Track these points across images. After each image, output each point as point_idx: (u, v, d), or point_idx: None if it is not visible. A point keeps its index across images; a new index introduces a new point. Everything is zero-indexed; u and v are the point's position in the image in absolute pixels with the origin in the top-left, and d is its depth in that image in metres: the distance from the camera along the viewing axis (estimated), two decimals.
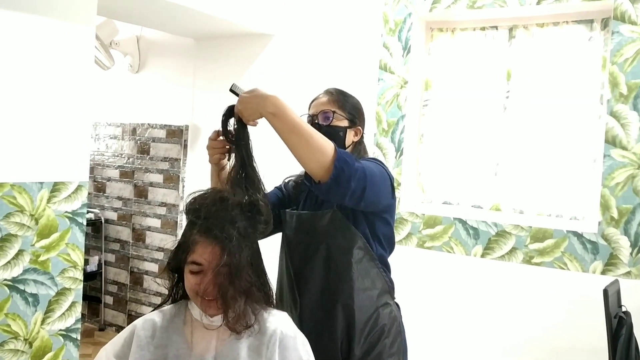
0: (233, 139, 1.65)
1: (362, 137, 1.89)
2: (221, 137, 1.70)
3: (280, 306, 1.58)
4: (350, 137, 1.83)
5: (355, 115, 1.86)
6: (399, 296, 1.89)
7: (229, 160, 1.72)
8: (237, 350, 1.39)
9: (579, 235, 2.92)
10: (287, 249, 1.82)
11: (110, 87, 4.61)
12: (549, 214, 3.12)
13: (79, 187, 2.94)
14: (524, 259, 3.06)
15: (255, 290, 1.41)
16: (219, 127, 1.74)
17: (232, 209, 1.39)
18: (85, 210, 3.00)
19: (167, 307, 1.51)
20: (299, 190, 1.90)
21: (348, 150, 1.81)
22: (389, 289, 1.82)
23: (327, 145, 1.54)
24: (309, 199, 1.88)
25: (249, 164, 1.60)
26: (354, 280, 1.72)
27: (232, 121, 1.69)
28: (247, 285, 1.37)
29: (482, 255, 3.17)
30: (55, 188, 2.84)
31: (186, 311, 1.48)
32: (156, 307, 1.52)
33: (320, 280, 1.74)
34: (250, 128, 1.65)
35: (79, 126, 2.94)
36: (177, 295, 1.51)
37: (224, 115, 1.66)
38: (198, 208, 1.41)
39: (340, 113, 1.81)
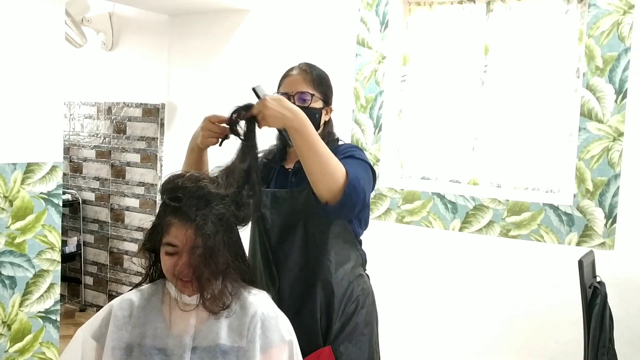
0: (241, 134, 1.62)
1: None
2: (224, 125, 1.65)
3: (262, 287, 1.58)
4: (323, 118, 1.82)
5: (328, 94, 1.85)
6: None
7: (220, 146, 1.69)
8: (217, 329, 1.39)
9: (554, 208, 2.96)
10: (262, 227, 1.80)
11: (83, 65, 4.51)
12: (525, 188, 3.15)
13: (53, 168, 2.90)
14: (501, 232, 3.10)
15: (232, 270, 1.40)
16: (216, 112, 1.71)
17: (209, 192, 1.37)
18: (60, 191, 2.97)
19: (144, 287, 1.50)
20: (269, 168, 1.89)
21: (319, 131, 1.79)
22: (363, 261, 1.85)
23: (340, 172, 1.57)
24: (279, 176, 1.86)
25: (254, 169, 1.57)
26: (332, 255, 1.73)
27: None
28: (223, 267, 1.36)
29: (460, 229, 3.20)
30: (29, 169, 2.80)
31: (164, 290, 1.47)
32: (134, 286, 1.51)
33: (299, 257, 1.74)
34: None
35: (51, 106, 2.88)
36: (154, 274, 1.50)
37: (240, 109, 1.61)
38: (173, 188, 1.39)
39: (317, 95, 1.79)
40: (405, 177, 3.49)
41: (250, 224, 1.59)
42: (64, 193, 4.49)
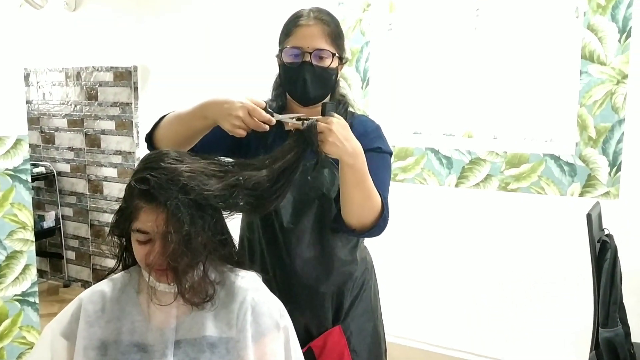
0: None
1: None
2: (273, 121, 1.38)
3: (251, 267, 1.40)
4: (339, 74, 1.61)
5: (344, 48, 1.61)
6: None
7: (246, 139, 1.42)
8: (202, 320, 1.23)
9: (555, 158, 2.81)
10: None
11: (46, 28, 4.21)
12: (524, 138, 2.99)
13: (17, 142, 2.68)
14: (500, 185, 2.95)
15: (214, 255, 1.23)
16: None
17: (180, 171, 1.18)
18: (28, 166, 2.75)
19: (117, 275, 1.32)
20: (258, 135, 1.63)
21: (334, 96, 1.61)
22: None
23: (377, 206, 1.44)
24: (278, 142, 1.56)
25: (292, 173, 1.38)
26: (346, 236, 1.59)
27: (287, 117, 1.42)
28: (202, 253, 1.19)
29: (457, 185, 3.05)
30: None
31: (140, 278, 1.30)
32: (105, 275, 1.33)
33: (313, 238, 1.57)
34: None
35: (10, 74, 2.64)
36: (127, 261, 1.32)
37: (304, 119, 1.38)
38: (143, 168, 1.20)
39: (337, 53, 1.54)
40: (396, 132, 3.30)
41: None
42: (37, 166, 4.27)
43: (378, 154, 1.56)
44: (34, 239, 2.81)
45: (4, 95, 2.62)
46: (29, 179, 2.76)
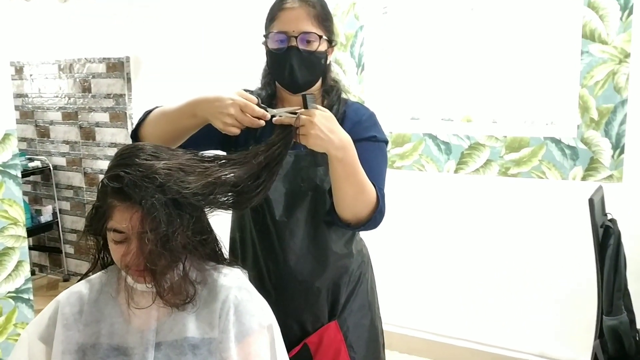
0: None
1: None
2: (267, 115, 1.32)
3: (244, 266, 1.34)
4: (328, 59, 1.54)
5: (333, 30, 1.53)
6: None
7: (235, 138, 1.40)
8: (183, 321, 1.18)
9: (557, 141, 2.74)
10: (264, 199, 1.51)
11: (37, 20, 4.15)
12: (524, 121, 2.91)
13: (6, 136, 2.63)
14: (500, 171, 2.88)
15: (195, 254, 1.17)
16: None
17: (155, 168, 1.11)
18: (17, 162, 2.70)
19: (95, 276, 1.27)
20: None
21: (323, 83, 1.55)
22: None
23: (371, 199, 1.39)
24: (267, 134, 1.48)
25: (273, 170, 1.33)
26: (341, 229, 1.54)
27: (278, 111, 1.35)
28: (181, 252, 1.13)
29: (456, 171, 2.99)
30: None
31: (119, 278, 1.25)
32: (82, 276, 1.28)
33: (307, 231, 1.51)
34: None
35: None
36: (105, 260, 1.27)
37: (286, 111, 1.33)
38: (116, 165, 1.14)
39: (324, 36, 1.47)
40: (393, 118, 3.23)
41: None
42: (32, 160, 4.22)
43: (373, 143, 1.51)
44: (26, 235, 2.76)
45: None
46: (19, 174, 2.71)
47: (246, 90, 1.44)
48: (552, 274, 2.81)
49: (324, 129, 1.27)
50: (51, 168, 4.28)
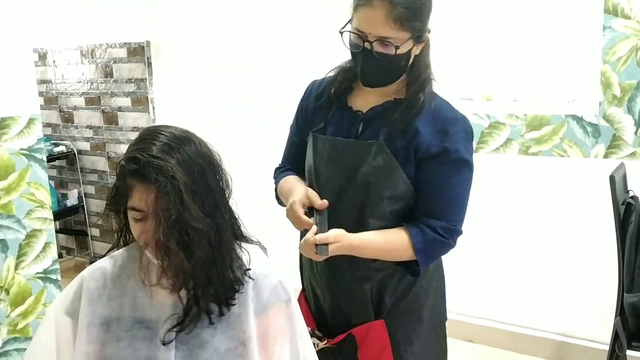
0: None
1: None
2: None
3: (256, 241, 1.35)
4: (414, 53, 1.39)
5: (423, 25, 1.35)
6: None
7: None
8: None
9: (578, 119, 2.71)
10: (315, 181, 1.48)
11: (58, 6, 4.19)
12: (544, 99, 2.88)
13: (30, 121, 2.68)
14: (520, 149, 2.86)
15: (212, 233, 1.17)
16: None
17: (170, 150, 1.13)
18: (42, 145, 2.76)
19: (117, 252, 1.31)
20: (329, 100, 1.50)
21: (403, 78, 1.43)
22: None
23: (404, 255, 1.41)
24: (343, 119, 1.46)
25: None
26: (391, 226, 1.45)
27: None
28: (194, 231, 1.12)
29: (476, 150, 2.97)
30: (4, 125, 2.58)
31: (141, 253, 1.28)
32: (105, 253, 1.32)
33: (353, 222, 1.43)
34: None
35: (19, 54, 2.63)
36: (127, 237, 1.30)
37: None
38: (135, 148, 1.15)
39: (404, 37, 1.31)
40: None
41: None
42: (57, 145, 4.30)
43: (459, 165, 1.39)
44: (52, 218, 2.83)
45: (14, 75, 2.61)
46: (44, 158, 2.77)
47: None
48: (573, 252, 2.80)
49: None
50: (76, 153, 4.36)
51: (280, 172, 1.65)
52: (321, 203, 1.42)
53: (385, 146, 1.37)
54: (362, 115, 1.45)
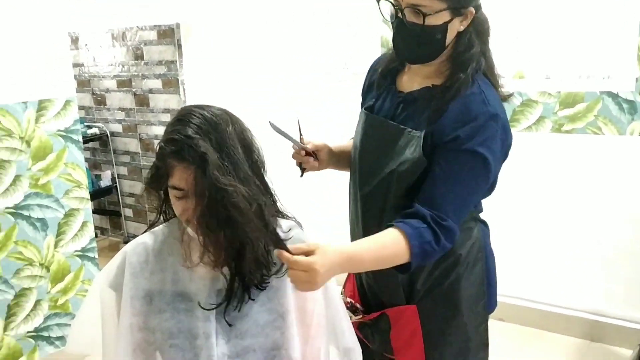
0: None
1: (473, 19, 1.33)
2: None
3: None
4: (455, 29, 1.31)
5: None
6: None
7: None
8: None
9: (613, 96, 2.66)
10: (355, 154, 1.48)
11: None
12: (579, 76, 2.82)
13: (67, 103, 2.75)
14: (553, 127, 2.83)
15: (251, 210, 1.19)
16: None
17: (208, 130, 1.15)
18: (78, 127, 2.83)
19: (158, 228, 1.34)
20: (385, 80, 1.47)
21: (444, 57, 1.34)
22: (472, 212, 1.50)
23: (400, 259, 1.24)
24: (387, 100, 1.43)
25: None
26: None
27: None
28: (232, 209, 1.14)
29: None
30: (42, 107, 2.65)
31: (183, 230, 1.31)
32: (147, 228, 1.36)
33: (382, 203, 1.40)
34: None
35: (55, 37, 2.69)
36: (167, 213, 1.33)
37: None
38: (172, 129, 1.17)
39: (438, 7, 1.25)
40: None
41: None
42: (90, 127, 4.38)
43: (460, 151, 1.26)
44: (89, 197, 2.91)
45: (51, 58, 2.67)
46: (80, 139, 2.84)
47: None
48: (607, 230, 2.77)
49: (306, 278, 1.11)
50: (108, 135, 4.44)
51: None
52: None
53: (422, 139, 1.31)
54: (401, 98, 1.42)
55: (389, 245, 1.23)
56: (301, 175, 1.61)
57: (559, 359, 2.78)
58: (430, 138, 1.31)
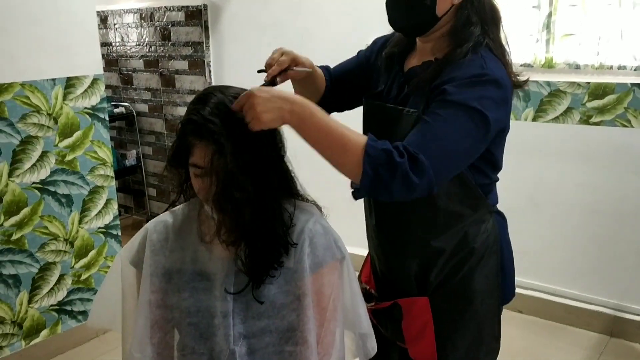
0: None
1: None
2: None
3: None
4: (448, 2, 1.30)
5: None
6: None
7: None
8: None
9: None
10: None
11: None
12: (609, 67, 2.76)
13: (94, 81, 2.78)
14: (581, 119, 2.77)
15: (269, 191, 1.20)
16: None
17: (226, 109, 1.16)
18: (105, 105, 2.86)
19: (179, 207, 1.36)
20: (392, 62, 1.45)
21: (443, 25, 1.32)
22: (487, 205, 1.44)
23: (351, 163, 1.16)
24: (393, 81, 1.42)
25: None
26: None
27: None
28: (250, 189, 1.15)
29: (534, 119, 2.90)
30: (70, 84, 2.69)
31: (201, 209, 1.32)
32: (167, 207, 1.37)
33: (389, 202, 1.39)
34: None
35: (84, 16, 2.71)
36: (187, 192, 1.34)
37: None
38: (193, 108, 1.18)
39: None
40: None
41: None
42: (117, 106, 4.43)
43: (451, 103, 1.21)
44: (113, 175, 2.95)
45: (79, 36, 2.70)
46: (107, 117, 2.87)
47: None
48: (632, 224, 2.72)
49: (268, 105, 1.11)
50: (134, 114, 4.48)
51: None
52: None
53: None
54: (404, 78, 1.41)
55: (349, 131, 1.17)
56: (274, 85, 1.43)
57: (577, 352, 2.76)
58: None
